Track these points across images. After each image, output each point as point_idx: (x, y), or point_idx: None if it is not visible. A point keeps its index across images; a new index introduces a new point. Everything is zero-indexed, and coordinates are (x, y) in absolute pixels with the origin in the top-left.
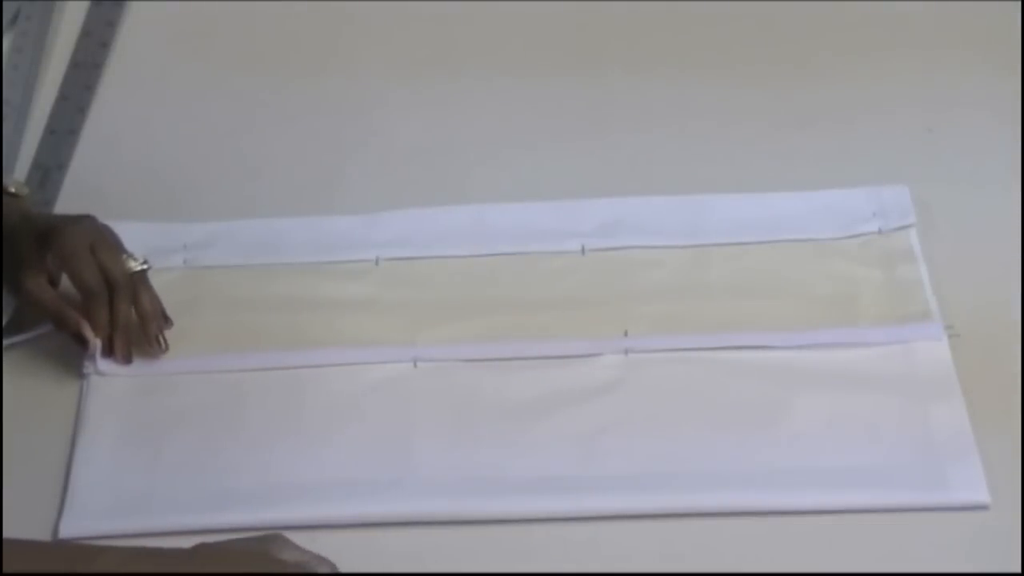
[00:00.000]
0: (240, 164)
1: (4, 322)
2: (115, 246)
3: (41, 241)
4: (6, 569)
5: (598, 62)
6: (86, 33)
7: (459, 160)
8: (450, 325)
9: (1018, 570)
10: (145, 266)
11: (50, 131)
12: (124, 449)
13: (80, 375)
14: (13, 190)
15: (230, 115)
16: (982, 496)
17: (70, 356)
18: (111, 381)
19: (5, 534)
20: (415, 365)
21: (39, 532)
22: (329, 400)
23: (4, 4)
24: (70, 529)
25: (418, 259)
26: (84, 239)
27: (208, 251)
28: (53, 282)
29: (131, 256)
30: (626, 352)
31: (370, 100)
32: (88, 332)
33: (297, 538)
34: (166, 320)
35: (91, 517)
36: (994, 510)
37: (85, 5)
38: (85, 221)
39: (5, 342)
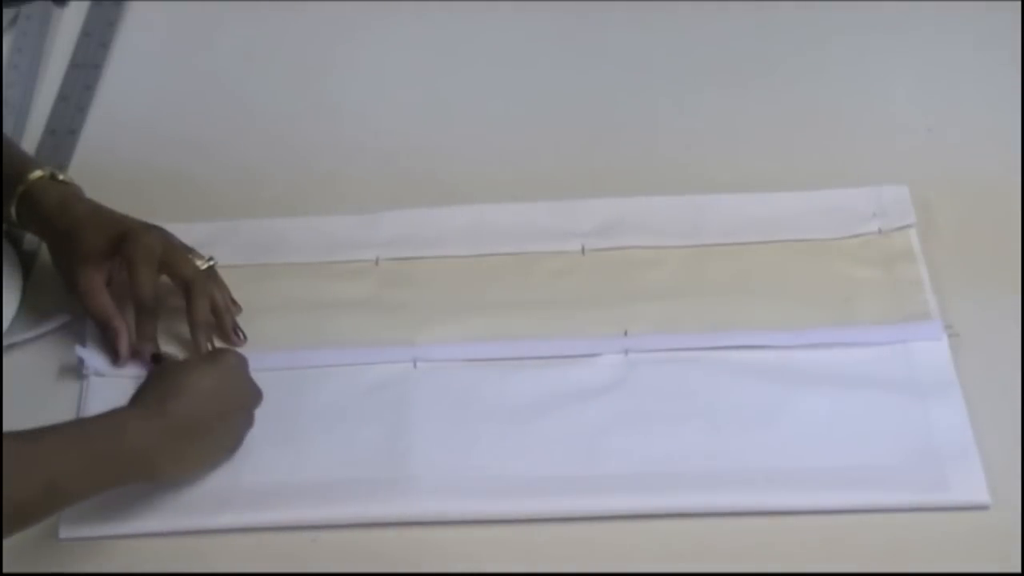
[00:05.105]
0: (240, 164)
1: (6, 323)
2: (182, 248)
3: (115, 242)
4: None
5: (598, 62)
6: (86, 33)
7: (459, 160)
8: (450, 325)
9: (1018, 570)
10: (212, 262)
11: (50, 131)
12: None
13: (80, 375)
14: (61, 177)
15: (230, 115)
16: (982, 496)
17: (70, 356)
18: (111, 382)
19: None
20: (415, 365)
21: (39, 532)
22: (329, 400)
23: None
24: (70, 530)
25: (418, 259)
26: (156, 249)
27: (208, 251)
28: (109, 281)
29: (197, 254)
30: (626, 352)
31: (370, 99)
32: (122, 347)
33: (297, 538)
34: (236, 307)
35: (91, 518)
36: (994, 510)
37: (85, 5)
38: (155, 230)
39: (5, 342)
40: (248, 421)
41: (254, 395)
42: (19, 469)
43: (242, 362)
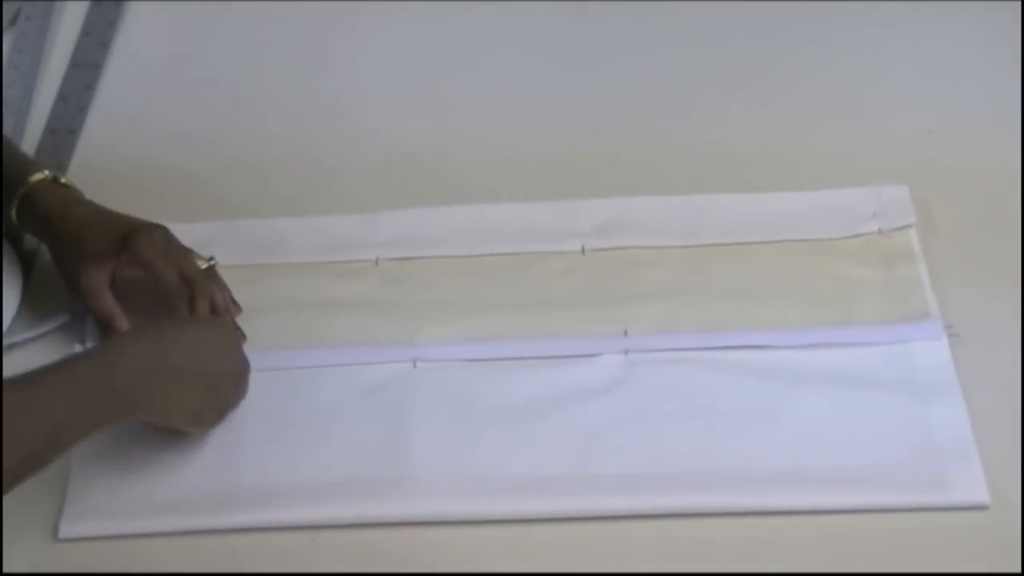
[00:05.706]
0: (240, 164)
1: (6, 323)
2: (184, 247)
3: (120, 241)
4: None
5: (599, 62)
6: (86, 33)
7: (459, 160)
8: (450, 325)
9: (1018, 570)
10: (212, 262)
11: (50, 131)
12: (124, 449)
13: None
14: (64, 180)
15: (230, 115)
16: (982, 496)
17: None
18: None
19: (5, 534)
20: (415, 365)
21: (39, 532)
22: (329, 400)
23: (4, 4)
24: (70, 530)
25: (418, 259)
26: (162, 243)
27: (208, 251)
28: (112, 281)
29: (197, 256)
30: (626, 352)
31: (370, 99)
32: None
33: (297, 538)
34: (236, 307)
35: (91, 518)
36: (994, 510)
37: (85, 5)
38: (158, 228)
39: (5, 342)
40: (237, 390)
41: (244, 363)
42: (20, 422)
43: (237, 331)
